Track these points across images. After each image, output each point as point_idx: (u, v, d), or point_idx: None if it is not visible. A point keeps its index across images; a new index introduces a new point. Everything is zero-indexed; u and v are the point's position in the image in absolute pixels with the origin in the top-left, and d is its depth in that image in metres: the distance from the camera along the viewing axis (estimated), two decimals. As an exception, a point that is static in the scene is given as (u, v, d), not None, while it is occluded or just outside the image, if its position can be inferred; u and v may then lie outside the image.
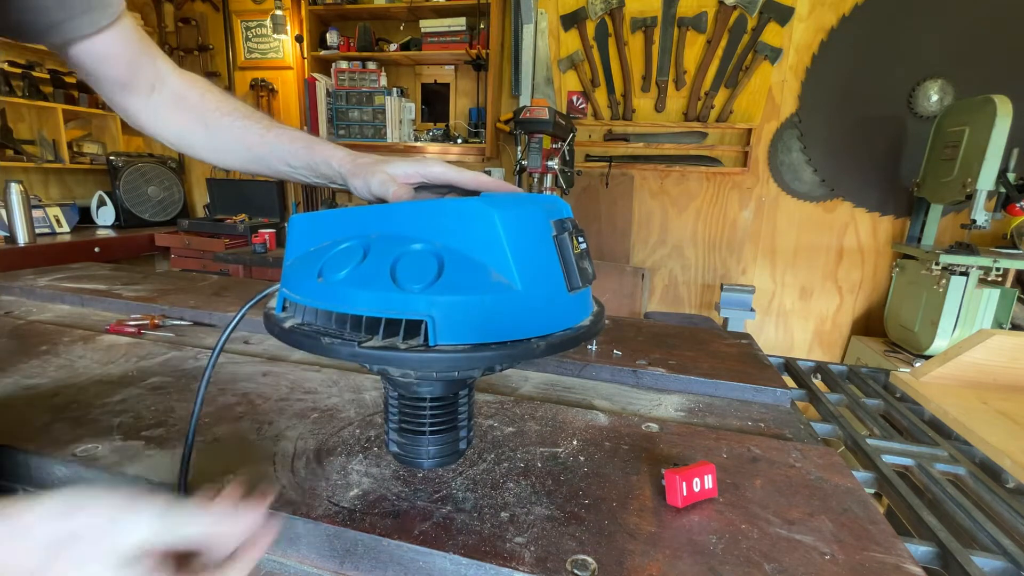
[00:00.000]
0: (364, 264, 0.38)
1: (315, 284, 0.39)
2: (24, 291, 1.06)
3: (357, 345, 0.36)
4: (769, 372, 0.78)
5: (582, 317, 0.43)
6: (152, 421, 0.56)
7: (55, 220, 2.57)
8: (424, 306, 0.36)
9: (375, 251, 0.39)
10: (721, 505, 0.46)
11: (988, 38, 2.14)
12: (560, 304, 0.40)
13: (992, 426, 0.72)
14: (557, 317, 0.40)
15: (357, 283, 0.38)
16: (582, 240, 0.43)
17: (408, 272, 0.37)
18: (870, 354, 2.19)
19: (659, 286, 2.76)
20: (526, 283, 0.37)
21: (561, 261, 0.40)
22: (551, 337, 0.39)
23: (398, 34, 2.87)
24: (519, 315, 0.38)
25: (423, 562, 0.40)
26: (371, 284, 0.37)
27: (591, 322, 0.43)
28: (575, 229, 0.42)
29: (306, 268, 0.41)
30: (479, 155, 2.86)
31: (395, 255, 0.38)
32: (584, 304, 0.44)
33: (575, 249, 0.41)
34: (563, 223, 0.41)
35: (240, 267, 2.47)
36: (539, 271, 0.39)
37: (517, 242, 0.38)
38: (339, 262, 0.39)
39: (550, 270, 0.40)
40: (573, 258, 0.41)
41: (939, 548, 0.49)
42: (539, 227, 0.40)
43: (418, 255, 0.38)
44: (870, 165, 2.39)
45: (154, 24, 3.20)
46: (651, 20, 2.43)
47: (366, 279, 0.38)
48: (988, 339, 0.83)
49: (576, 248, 0.42)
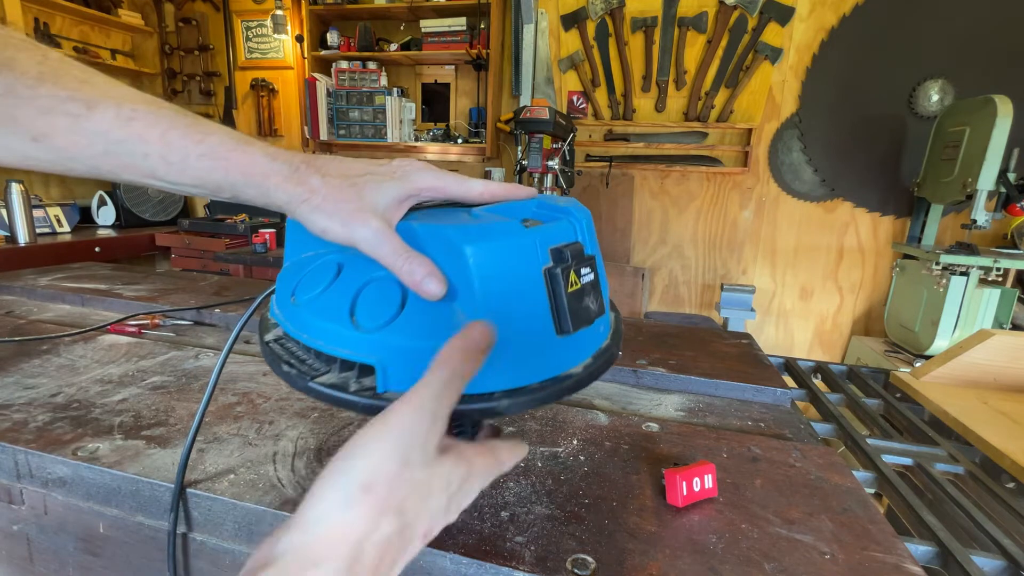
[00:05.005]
0: (331, 289, 0.35)
1: (288, 302, 0.37)
2: (25, 291, 1.06)
3: (310, 379, 0.33)
4: (769, 372, 0.78)
5: (576, 360, 0.36)
6: (153, 420, 0.56)
7: (55, 220, 2.57)
8: (376, 349, 0.32)
9: (347, 273, 0.35)
10: (721, 505, 0.46)
11: (988, 38, 2.14)
12: (544, 350, 0.34)
13: (992, 426, 0.72)
14: (537, 366, 0.34)
15: (318, 311, 0.35)
16: (586, 272, 0.36)
17: (368, 305, 0.33)
18: (870, 354, 2.19)
19: (659, 286, 2.76)
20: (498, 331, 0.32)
21: (551, 302, 0.34)
22: (522, 392, 0.33)
23: (398, 34, 2.88)
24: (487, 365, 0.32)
25: (423, 562, 0.40)
26: (330, 315, 0.34)
27: (585, 368, 0.36)
28: (578, 259, 0.35)
29: (288, 281, 0.38)
30: (479, 155, 2.86)
31: (363, 280, 0.34)
32: (583, 345, 0.37)
33: (572, 286, 0.35)
34: (562, 252, 0.34)
35: (240, 267, 2.46)
36: (518, 315, 0.33)
37: (493, 282, 0.32)
38: (312, 281, 0.36)
39: (534, 312, 0.33)
40: (566, 297, 0.34)
41: (939, 548, 0.49)
42: (526, 261, 0.33)
43: (384, 285, 0.33)
44: (870, 165, 2.39)
45: (154, 24, 3.21)
46: (651, 20, 2.43)
47: (326, 308, 0.34)
48: (988, 339, 0.83)
49: (574, 285, 0.35)
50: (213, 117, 3.36)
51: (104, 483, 0.47)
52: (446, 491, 0.28)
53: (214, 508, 0.44)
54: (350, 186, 0.33)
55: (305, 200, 0.33)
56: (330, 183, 0.33)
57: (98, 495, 0.48)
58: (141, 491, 0.46)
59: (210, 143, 0.32)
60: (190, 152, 0.32)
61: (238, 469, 0.47)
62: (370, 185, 0.34)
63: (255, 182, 0.33)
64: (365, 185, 0.34)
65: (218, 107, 3.27)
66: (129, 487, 0.46)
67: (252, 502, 0.43)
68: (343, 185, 0.33)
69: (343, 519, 0.24)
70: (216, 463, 0.48)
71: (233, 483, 0.45)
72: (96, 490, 0.47)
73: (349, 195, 0.33)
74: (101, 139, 0.31)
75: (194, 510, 0.45)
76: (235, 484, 0.45)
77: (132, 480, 0.46)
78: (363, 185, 0.34)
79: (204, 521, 0.45)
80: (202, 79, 3.21)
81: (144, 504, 0.46)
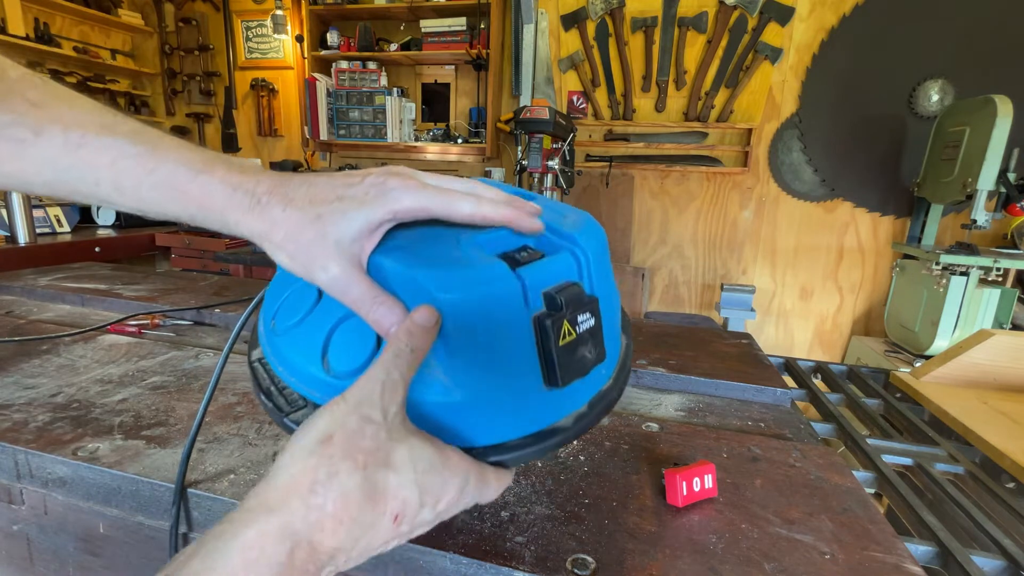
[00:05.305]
0: (308, 320, 0.32)
1: (269, 327, 0.35)
2: (25, 291, 1.06)
3: (284, 415, 0.32)
4: (769, 372, 0.78)
5: (566, 410, 0.33)
6: (153, 420, 0.56)
7: (55, 220, 2.57)
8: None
9: (325, 302, 0.33)
10: (721, 505, 0.46)
11: (988, 38, 2.14)
12: (528, 404, 0.31)
13: (992, 426, 0.72)
14: (519, 420, 0.31)
15: (294, 344, 0.32)
16: (585, 318, 0.31)
17: (342, 346, 0.31)
18: (870, 354, 2.19)
19: (659, 286, 2.76)
20: (470, 387, 0.29)
21: (540, 354, 0.30)
22: (501, 449, 0.31)
23: (398, 34, 2.88)
24: (456, 422, 0.30)
25: (423, 561, 0.40)
26: (304, 351, 0.32)
27: (577, 419, 0.33)
28: (576, 306, 0.31)
29: (274, 297, 0.36)
30: (479, 155, 2.86)
31: (339, 315, 0.31)
32: (576, 393, 0.33)
33: (566, 337, 0.30)
34: (556, 299, 0.30)
35: (240, 267, 2.46)
36: (499, 366, 0.30)
37: (470, 335, 0.29)
38: (292, 306, 0.34)
39: (518, 363, 0.30)
40: (556, 352, 0.30)
41: (939, 548, 0.49)
42: (512, 310, 0.29)
43: (359, 322, 0.30)
44: (870, 165, 2.39)
45: (154, 24, 3.21)
46: (651, 20, 2.43)
47: (301, 344, 0.32)
48: (988, 339, 0.83)
49: (569, 336, 0.30)
50: (213, 117, 3.37)
51: (104, 483, 0.47)
52: (412, 466, 0.27)
53: (214, 508, 0.44)
54: (313, 220, 0.29)
55: (266, 237, 0.30)
56: (291, 217, 0.29)
57: (98, 495, 0.48)
58: (141, 491, 0.46)
59: (162, 173, 0.30)
60: (142, 182, 0.30)
61: (238, 469, 0.47)
62: (335, 216, 0.29)
63: (214, 216, 0.30)
64: (330, 217, 0.29)
65: (218, 107, 3.27)
66: (129, 487, 0.46)
67: (252, 502, 0.43)
68: (305, 219, 0.29)
69: (302, 466, 0.25)
70: (216, 463, 0.48)
71: (233, 483, 0.45)
72: (96, 490, 0.47)
73: (310, 233, 0.29)
74: (49, 165, 0.29)
75: (194, 510, 0.45)
76: (235, 484, 0.45)
77: (132, 480, 0.46)
78: (327, 217, 0.29)
79: (205, 521, 0.45)
80: (202, 79, 3.21)
81: (144, 504, 0.46)
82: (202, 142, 3.36)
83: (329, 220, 0.29)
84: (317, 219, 0.29)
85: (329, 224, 0.29)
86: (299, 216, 0.29)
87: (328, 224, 0.29)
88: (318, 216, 0.29)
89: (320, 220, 0.29)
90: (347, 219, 0.29)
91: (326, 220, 0.29)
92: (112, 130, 0.30)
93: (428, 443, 0.28)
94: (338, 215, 0.29)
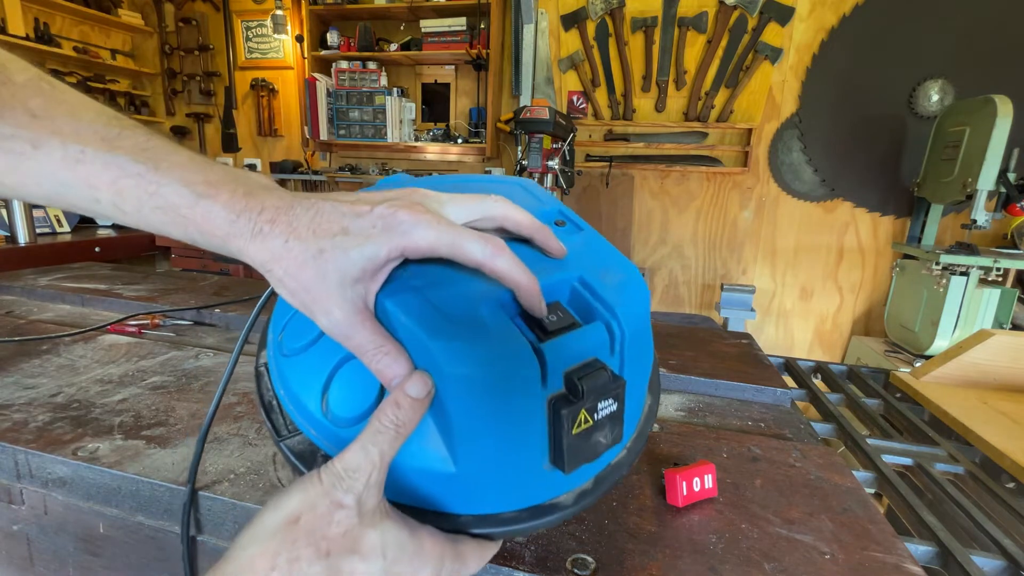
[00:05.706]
0: (314, 348, 0.31)
1: (277, 340, 0.34)
2: (25, 291, 1.06)
3: (280, 439, 0.31)
4: (769, 372, 0.78)
5: (568, 485, 0.30)
6: (153, 420, 0.56)
7: (55, 220, 2.57)
8: (340, 446, 0.28)
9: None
10: (721, 505, 0.46)
11: (988, 38, 2.15)
12: (528, 478, 0.29)
13: (992, 426, 0.72)
14: (515, 493, 0.29)
15: (296, 372, 0.31)
16: (607, 404, 0.28)
17: (344, 389, 0.29)
18: (870, 354, 2.19)
19: (659, 286, 2.77)
20: (467, 461, 0.27)
21: (550, 437, 0.28)
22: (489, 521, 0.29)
23: (398, 34, 2.88)
24: (443, 491, 0.29)
25: (423, 561, 0.40)
26: (306, 385, 0.31)
27: (578, 497, 0.30)
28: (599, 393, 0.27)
29: (279, 316, 0.35)
30: (479, 155, 2.86)
31: (346, 352, 0.29)
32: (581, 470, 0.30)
33: (582, 425, 0.27)
34: (578, 386, 0.27)
35: (240, 267, 2.46)
36: (502, 440, 0.27)
37: (476, 410, 0.27)
38: (301, 324, 0.32)
39: (524, 439, 0.28)
40: (567, 439, 0.27)
41: (939, 548, 0.49)
42: (527, 389, 0.27)
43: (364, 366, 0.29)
44: (870, 165, 2.39)
45: (154, 24, 3.21)
46: (651, 20, 2.43)
47: (304, 375, 0.31)
48: (988, 339, 0.83)
49: (585, 423, 0.27)
50: (213, 117, 3.37)
51: (104, 483, 0.47)
52: (382, 554, 0.26)
53: (214, 508, 0.44)
54: (315, 255, 0.27)
55: (268, 270, 0.28)
56: (292, 250, 0.27)
57: (98, 495, 0.48)
58: (141, 491, 0.46)
59: (165, 195, 0.28)
60: (144, 204, 0.28)
61: (238, 469, 0.47)
62: (336, 253, 0.27)
63: (216, 243, 0.28)
64: (331, 253, 0.27)
65: (218, 107, 3.27)
66: (129, 487, 0.46)
67: (252, 502, 0.43)
68: (306, 254, 0.27)
69: (261, 549, 0.25)
70: (216, 463, 0.48)
71: (233, 483, 0.45)
72: (96, 490, 0.47)
73: (311, 271, 0.27)
74: (48, 180, 0.28)
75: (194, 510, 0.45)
76: (235, 484, 0.45)
77: (132, 480, 0.46)
78: (329, 253, 0.27)
79: (204, 521, 0.45)
80: (202, 79, 3.21)
81: (144, 504, 0.46)
82: (202, 142, 3.36)
83: (331, 257, 0.27)
84: (319, 255, 0.27)
85: (330, 262, 0.27)
86: (301, 249, 0.27)
87: (329, 262, 0.27)
88: (320, 251, 0.27)
89: (322, 256, 0.27)
90: (349, 258, 0.27)
91: (327, 257, 0.27)
92: (113, 144, 0.28)
93: (402, 526, 0.28)
94: (339, 252, 0.27)
